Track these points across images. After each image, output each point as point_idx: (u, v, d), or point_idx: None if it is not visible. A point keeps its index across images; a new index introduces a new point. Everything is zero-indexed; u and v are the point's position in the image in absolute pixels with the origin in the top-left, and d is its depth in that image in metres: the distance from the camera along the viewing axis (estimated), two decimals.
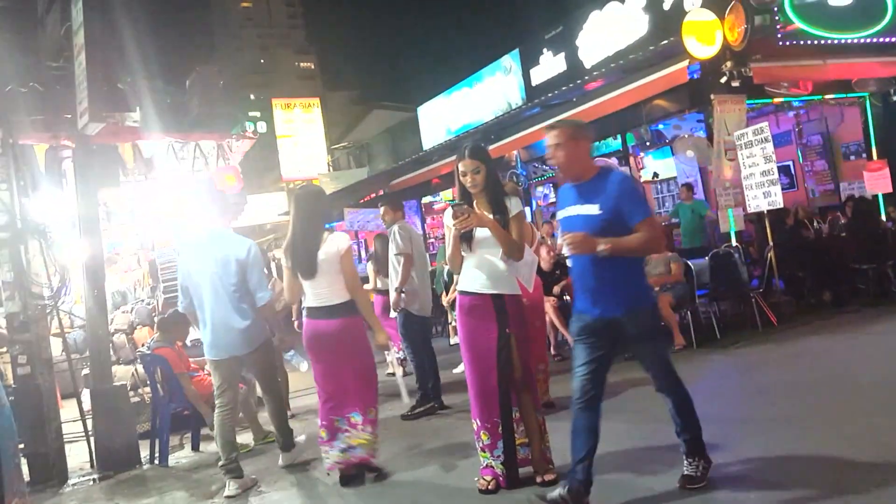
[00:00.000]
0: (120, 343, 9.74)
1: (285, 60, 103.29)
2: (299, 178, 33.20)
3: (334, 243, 5.18)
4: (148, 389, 7.79)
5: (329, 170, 32.14)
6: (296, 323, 9.03)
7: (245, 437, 7.23)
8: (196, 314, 5.74)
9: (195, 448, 7.27)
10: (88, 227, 7.23)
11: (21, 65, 7.47)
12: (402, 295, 7.21)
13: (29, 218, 6.82)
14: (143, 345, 8.77)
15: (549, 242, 11.67)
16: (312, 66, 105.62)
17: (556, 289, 9.31)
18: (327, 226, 5.61)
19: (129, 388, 7.77)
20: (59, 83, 7.48)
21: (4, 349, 8.10)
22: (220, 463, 5.53)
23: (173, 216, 10.14)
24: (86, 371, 8.05)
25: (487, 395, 4.45)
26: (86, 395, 7.50)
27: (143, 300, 11.07)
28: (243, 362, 5.84)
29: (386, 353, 6.21)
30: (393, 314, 7.52)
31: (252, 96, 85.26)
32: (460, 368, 4.90)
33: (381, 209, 7.56)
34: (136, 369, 8.55)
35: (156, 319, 8.80)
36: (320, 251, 5.14)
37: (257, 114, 68.45)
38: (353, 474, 5.23)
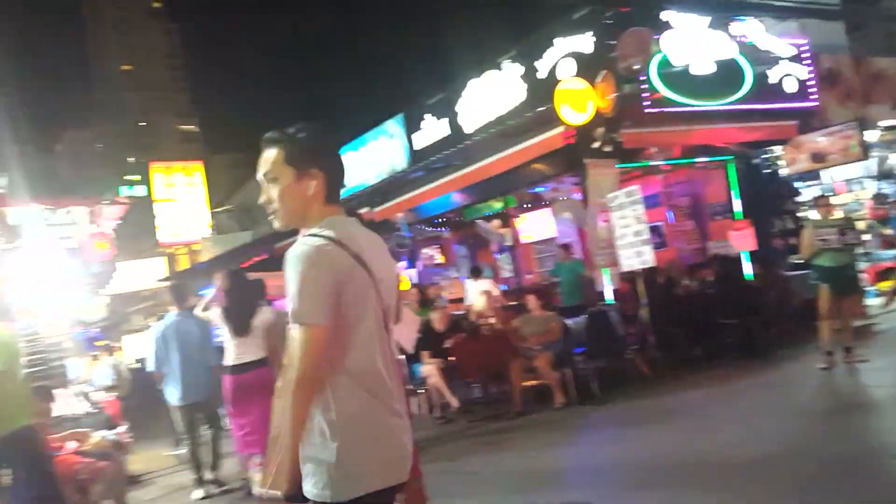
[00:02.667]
0: None
1: (167, 123, 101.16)
2: (178, 243, 32.29)
3: (266, 314, 6.76)
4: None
5: (212, 234, 31.43)
6: None
7: None
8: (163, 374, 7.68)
9: None
10: None
11: None
12: None
13: None
14: None
15: (444, 304, 11.84)
16: (195, 129, 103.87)
17: (449, 342, 9.40)
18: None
19: None
20: None
21: None
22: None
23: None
24: None
25: None
26: None
27: None
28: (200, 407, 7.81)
29: None
30: None
31: (131, 160, 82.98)
32: None
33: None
34: None
35: None
36: (255, 318, 6.66)
37: (136, 177, 66.59)
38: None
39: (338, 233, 2.30)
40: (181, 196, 34.57)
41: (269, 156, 2.39)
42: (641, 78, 10.73)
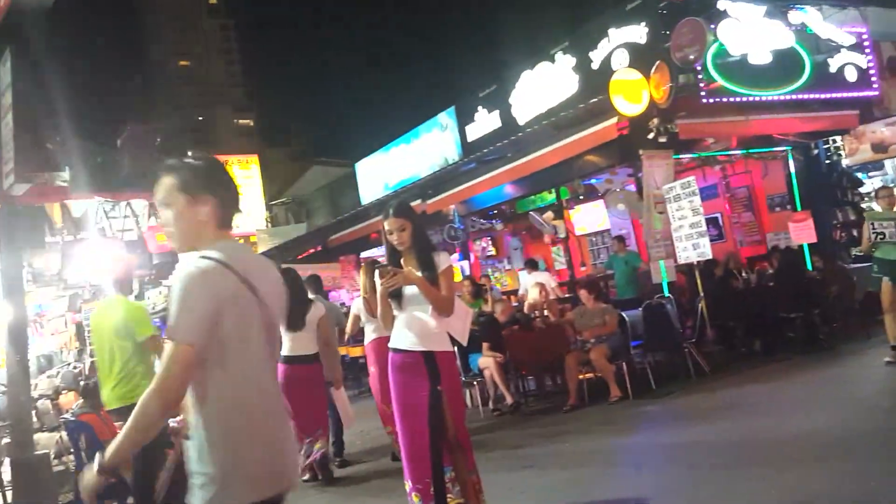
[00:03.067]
0: (44, 409, 9.40)
1: (224, 117, 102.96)
2: (235, 234, 32.76)
3: (318, 309, 7.14)
4: (73, 457, 7.50)
5: (267, 226, 31.84)
6: None
7: None
8: None
9: None
10: (12, 289, 7.02)
11: None
12: None
13: None
14: (67, 410, 8.47)
15: (499, 297, 11.87)
16: (251, 123, 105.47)
17: (505, 332, 9.43)
18: None
19: (52, 456, 7.48)
20: None
21: None
22: None
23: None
24: (6, 440, 7.71)
25: (419, 454, 4.37)
26: (7, 465, 7.18)
27: (69, 364, 10.73)
28: None
29: None
30: None
31: (189, 153, 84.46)
32: None
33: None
34: (60, 436, 8.23)
35: (81, 384, 8.53)
36: (308, 314, 6.97)
37: None
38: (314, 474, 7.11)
39: (227, 256, 2.39)
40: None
41: (165, 182, 2.50)
42: (698, 68, 10.55)
